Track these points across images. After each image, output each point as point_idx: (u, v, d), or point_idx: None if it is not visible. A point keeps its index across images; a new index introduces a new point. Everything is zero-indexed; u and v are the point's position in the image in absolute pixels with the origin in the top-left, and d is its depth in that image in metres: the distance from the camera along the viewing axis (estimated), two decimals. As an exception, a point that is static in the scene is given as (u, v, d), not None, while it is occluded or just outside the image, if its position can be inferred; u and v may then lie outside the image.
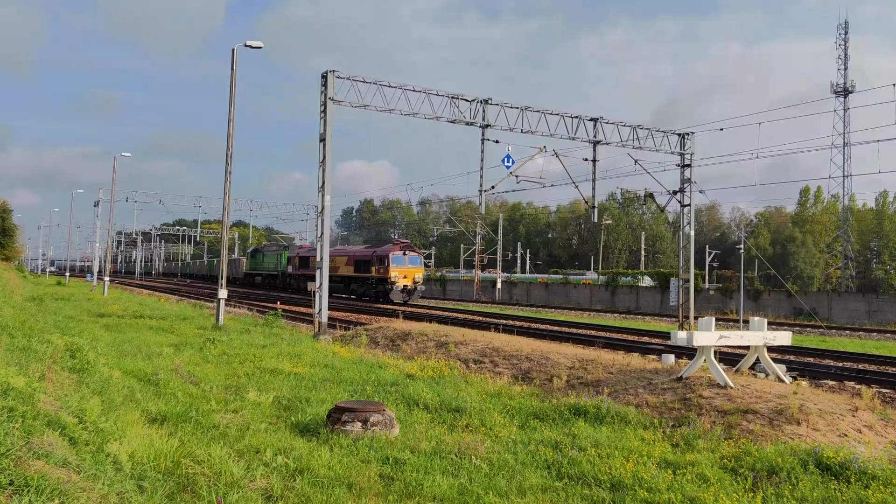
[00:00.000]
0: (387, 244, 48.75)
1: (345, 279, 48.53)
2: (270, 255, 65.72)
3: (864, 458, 7.59)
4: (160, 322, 22.93)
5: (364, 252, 47.57)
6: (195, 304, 36.34)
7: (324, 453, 7.21)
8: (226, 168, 24.65)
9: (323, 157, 22.89)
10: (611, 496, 6.48)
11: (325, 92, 23.03)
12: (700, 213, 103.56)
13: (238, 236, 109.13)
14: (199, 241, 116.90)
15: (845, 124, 71.23)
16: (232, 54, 24.52)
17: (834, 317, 46.26)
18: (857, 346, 26.57)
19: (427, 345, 17.95)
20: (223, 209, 25.82)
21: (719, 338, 11.36)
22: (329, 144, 22.85)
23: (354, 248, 51.18)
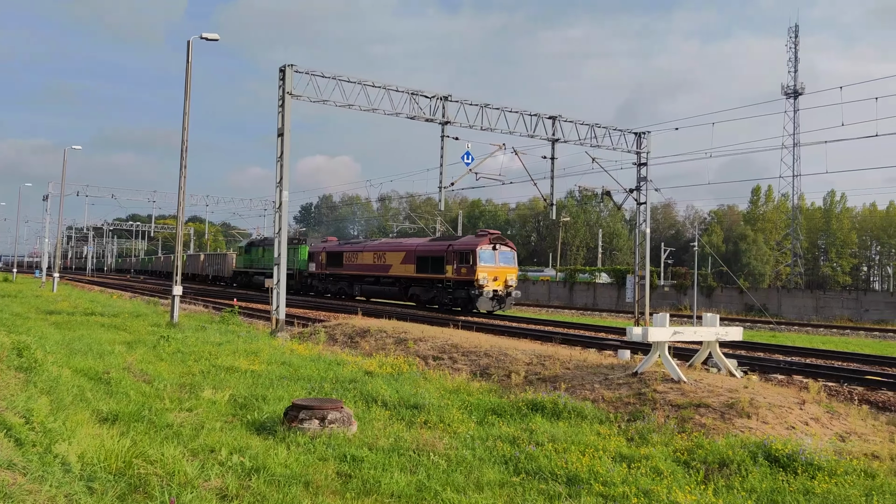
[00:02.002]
0: (465, 235, 38.90)
1: (401, 281, 37.78)
2: None
3: (810, 449, 7.82)
4: (112, 319, 22.40)
5: (433, 246, 36.00)
6: (149, 300, 35.59)
7: (280, 452, 7.13)
8: (181, 162, 24.18)
9: (281, 152, 22.62)
10: (567, 490, 6.56)
11: (284, 86, 22.77)
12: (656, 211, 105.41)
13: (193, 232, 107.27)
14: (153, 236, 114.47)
15: (795, 125, 73.29)
16: (187, 46, 24.05)
17: (783, 312, 47.57)
18: (805, 340, 27.38)
19: (386, 341, 17.91)
20: (178, 204, 25.33)
21: (673, 333, 11.58)
22: (287, 139, 22.58)
23: (415, 241, 39.22)
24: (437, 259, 34.91)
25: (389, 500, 6.06)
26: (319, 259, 45.96)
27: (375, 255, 39.65)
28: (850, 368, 17.10)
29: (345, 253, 42.94)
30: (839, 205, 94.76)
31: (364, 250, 41.15)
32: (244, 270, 57.90)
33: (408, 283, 37.36)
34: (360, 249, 41.57)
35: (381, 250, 39.53)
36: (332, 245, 46.45)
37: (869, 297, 49.42)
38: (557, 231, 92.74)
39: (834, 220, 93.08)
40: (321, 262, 45.74)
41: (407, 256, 37.20)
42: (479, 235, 34.42)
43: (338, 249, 44.17)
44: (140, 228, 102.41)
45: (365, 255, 40.84)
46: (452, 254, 33.77)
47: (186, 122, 23.91)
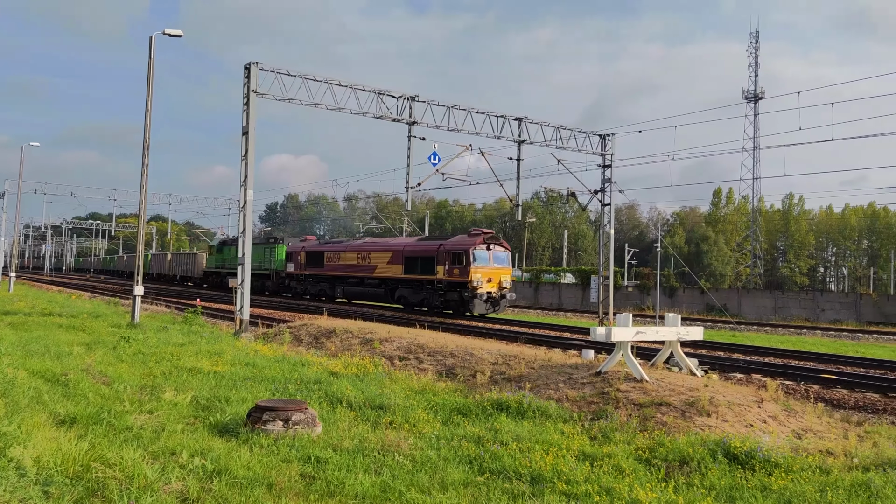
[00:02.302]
0: (456, 234, 37.31)
1: (387, 283, 36.10)
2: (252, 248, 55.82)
3: (768, 446, 8.00)
4: (71, 320, 21.90)
5: (423, 246, 34.37)
6: (109, 301, 34.90)
7: (243, 454, 7.06)
8: (143, 160, 23.76)
9: (245, 150, 22.39)
10: (530, 489, 6.61)
11: (249, 84, 22.55)
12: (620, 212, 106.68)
13: (156, 231, 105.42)
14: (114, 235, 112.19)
15: (755, 129, 74.88)
16: (150, 42, 23.64)
17: (743, 312, 48.55)
18: (764, 340, 28.00)
19: (352, 342, 17.83)
20: (140, 202, 24.88)
21: (636, 333, 11.74)
22: (252, 138, 22.36)
23: (403, 241, 37.86)
24: (428, 259, 33.14)
25: (353, 502, 6.04)
26: (298, 259, 43.93)
27: (359, 256, 38.16)
28: (806, 367, 17.52)
29: (326, 253, 41.12)
30: (797, 207, 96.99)
31: (347, 250, 39.56)
32: (216, 270, 55.38)
33: (395, 285, 35.66)
34: (343, 249, 39.90)
35: (366, 250, 37.80)
36: (311, 244, 44.43)
37: (825, 298, 50.74)
38: (523, 232, 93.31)
39: (792, 222, 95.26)
40: (300, 262, 43.69)
41: (394, 256, 35.47)
42: (472, 235, 32.76)
43: (318, 249, 42.32)
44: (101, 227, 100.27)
45: (348, 256, 39.23)
46: (444, 254, 32.14)
47: (148, 119, 23.50)
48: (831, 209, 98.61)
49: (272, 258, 47.18)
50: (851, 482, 6.97)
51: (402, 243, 36.26)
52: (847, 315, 45.28)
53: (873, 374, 16.57)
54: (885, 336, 33.24)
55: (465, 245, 31.36)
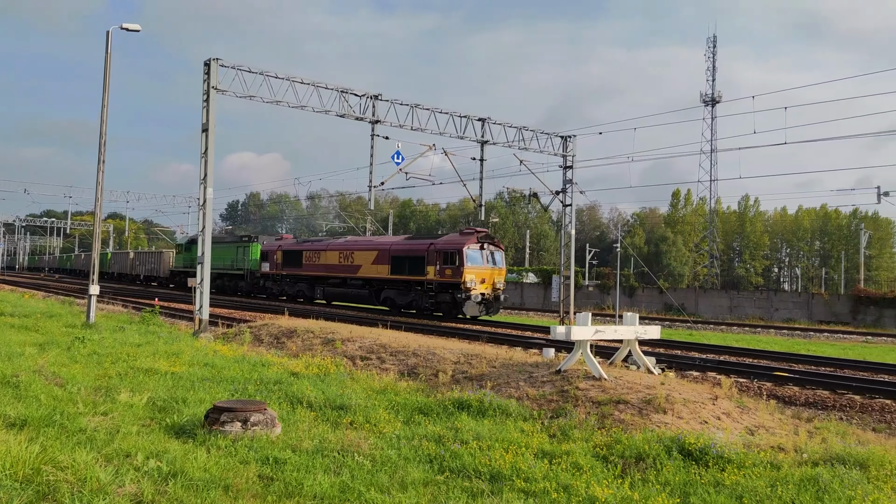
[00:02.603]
0: (447, 234, 35.40)
1: (372, 284, 34.57)
2: (222, 248, 49.10)
3: (721, 443, 8.18)
4: (23, 320, 21.31)
5: (412, 245, 32.96)
6: (64, 300, 34.04)
7: (200, 455, 6.97)
8: (99, 157, 23.24)
9: (205, 148, 22.07)
10: (490, 487, 6.66)
11: (209, 80, 22.23)
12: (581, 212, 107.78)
13: (113, 229, 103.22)
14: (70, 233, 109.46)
15: (713, 132, 76.41)
16: (107, 37, 23.14)
17: (700, 311, 49.50)
18: (720, 338, 28.60)
19: (313, 342, 17.72)
20: (96, 200, 24.33)
21: (595, 332, 11.90)
22: (212, 135, 22.05)
23: (389, 240, 36.11)
24: (417, 259, 31.56)
25: (312, 502, 6.00)
26: (274, 258, 42.13)
27: (342, 255, 36.63)
28: (760, 365, 17.97)
29: (305, 252, 39.43)
30: (753, 209, 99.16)
31: (328, 249, 37.93)
32: (184, 270, 52.20)
33: (380, 286, 34.10)
34: (324, 248, 38.37)
35: (349, 249, 36.28)
36: (289, 243, 42.70)
37: (779, 297, 52.03)
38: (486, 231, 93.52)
39: (748, 223, 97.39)
40: (276, 261, 41.93)
41: (380, 256, 33.80)
42: (464, 233, 31.38)
43: (296, 248, 40.64)
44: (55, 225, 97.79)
45: (329, 255, 37.61)
46: (435, 253, 30.52)
47: (105, 115, 23.00)
48: (785, 211, 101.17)
49: (246, 257, 45.53)
50: (801, 477, 7.17)
51: (389, 242, 34.74)
52: (800, 314, 46.51)
53: (823, 372, 17.07)
54: (835, 334, 34.24)
55: (457, 244, 29.95)
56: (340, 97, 25.85)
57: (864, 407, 13.25)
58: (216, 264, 47.24)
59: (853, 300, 45.86)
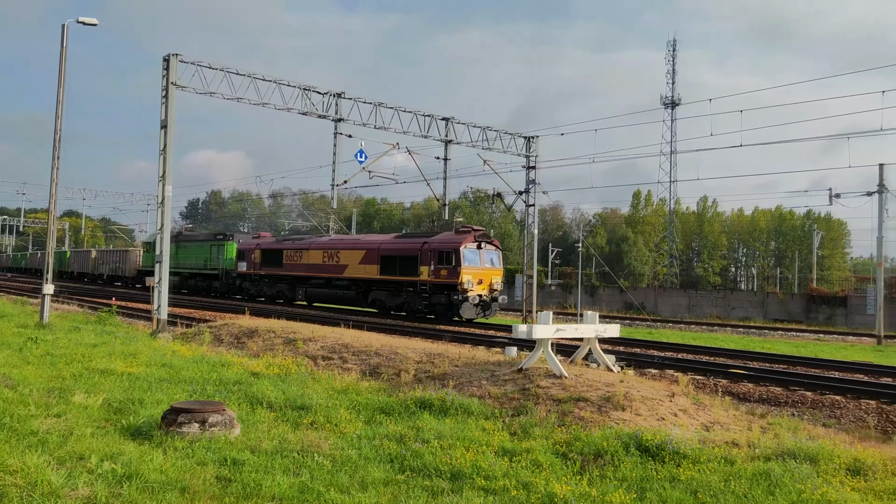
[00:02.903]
0: (441, 232, 33.74)
1: (359, 284, 32.95)
2: (195, 246, 47.43)
3: (677, 439, 8.34)
4: (-28, 321, 20.70)
5: (403, 244, 31.53)
6: (17, 300, 33.12)
7: (156, 457, 6.86)
8: (53, 153, 22.67)
9: (164, 144, 21.71)
10: (450, 486, 6.69)
11: (168, 76, 21.87)
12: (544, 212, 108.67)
13: (69, 227, 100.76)
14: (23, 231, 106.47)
15: (672, 134, 77.71)
16: (62, 31, 22.58)
17: (660, 310, 50.33)
18: (678, 337, 29.13)
19: (275, 342, 17.55)
20: (50, 196, 23.72)
21: (556, 331, 12.02)
22: (171, 132, 21.70)
23: (378, 238, 34.21)
24: (409, 259, 30.11)
25: (270, 503, 5.96)
26: (252, 258, 40.28)
27: (326, 254, 35.07)
28: (716, 363, 18.34)
29: (285, 251, 37.75)
30: (711, 209, 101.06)
31: (311, 248, 36.28)
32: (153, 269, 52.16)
33: (368, 287, 32.55)
34: (306, 247, 36.67)
35: (334, 248, 34.78)
36: (267, 241, 41.01)
37: (735, 296, 53.19)
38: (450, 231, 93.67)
39: (706, 223, 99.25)
40: (254, 261, 40.10)
41: (368, 255, 32.25)
42: (460, 232, 29.93)
43: (276, 247, 38.95)
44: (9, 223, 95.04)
45: (312, 254, 35.92)
46: (429, 253, 29.09)
47: (60, 110, 22.44)
48: (742, 212, 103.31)
49: (221, 256, 43.76)
50: (753, 471, 7.35)
51: (378, 241, 33.12)
52: (755, 313, 47.60)
53: (777, 369, 17.50)
54: (788, 332, 35.13)
55: (453, 243, 28.62)
56: (303, 95, 25.65)
57: (815, 403, 13.62)
58: (188, 263, 46.72)
59: (806, 299, 47.12)
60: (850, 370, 18.00)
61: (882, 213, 32.19)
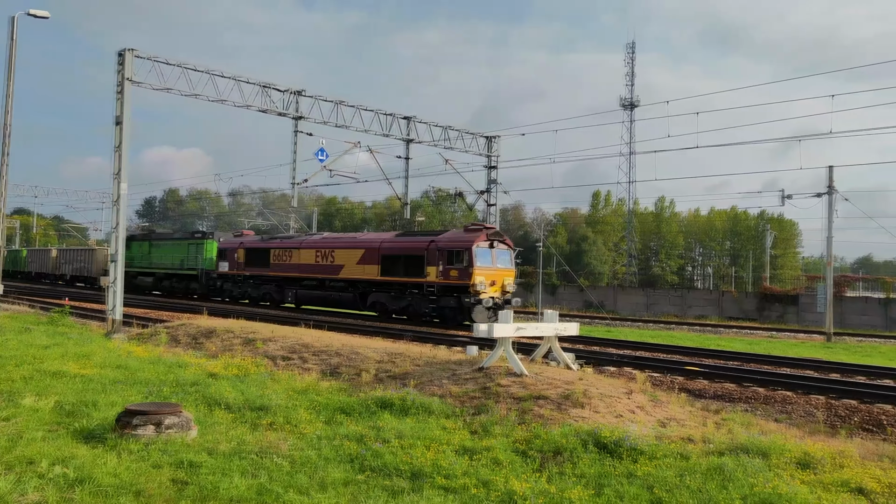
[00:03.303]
0: (449, 230, 31.99)
1: (357, 286, 30.81)
2: (171, 245, 44.96)
3: (635, 435, 8.48)
4: (-86, 322, 19.98)
5: (407, 243, 29.53)
6: (-38, 300, 32.03)
7: (110, 460, 6.72)
8: (2, 149, 22.03)
9: (119, 141, 21.25)
10: (410, 485, 6.69)
11: (123, 71, 21.41)
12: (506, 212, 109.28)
13: (20, 225, 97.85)
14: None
15: (631, 135, 78.91)
16: (11, 23, 21.95)
17: (619, 309, 51.05)
18: (637, 335, 29.59)
19: (233, 342, 17.31)
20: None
21: (517, 329, 12.12)
22: (126, 128, 21.25)
23: (378, 237, 32.28)
24: (414, 259, 28.09)
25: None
26: (235, 257, 37.78)
27: (320, 254, 32.98)
28: (672, 360, 18.68)
29: (273, 250, 35.56)
30: (668, 210, 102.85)
31: (302, 247, 34.11)
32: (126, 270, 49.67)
33: (367, 289, 30.41)
34: (296, 246, 34.51)
35: (329, 247, 32.64)
36: (252, 240, 38.63)
37: (692, 295, 54.23)
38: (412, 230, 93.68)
39: (664, 223, 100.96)
40: (237, 260, 37.59)
41: (367, 255, 30.13)
42: (470, 230, 28.08)
43: (262, 246, 36.68)
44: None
45: (303, 254, 33.76)
46: (437, 252, 27.16)
47: (9, 105, 21.82)
48: (698, 212, 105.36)
49: (199, 256, 41.28)
50: (708, 466, 7.52)
51: (378, 239, 31.05)
52: (711, 311, 48.61)
53: (731, 366, 17.90)
54: (743, 330, 35.97)
55: (464, 242, 26.74)
56: (262, 92, 25.34)
57: (767, 398, 13.97)
58: (163, 263, 44.48)
59: (760, 298, 48.29)
60: (800, 366, 18.52)
61: (831, 213, 33.17)
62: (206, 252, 40.99)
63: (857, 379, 16.28)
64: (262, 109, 25.55)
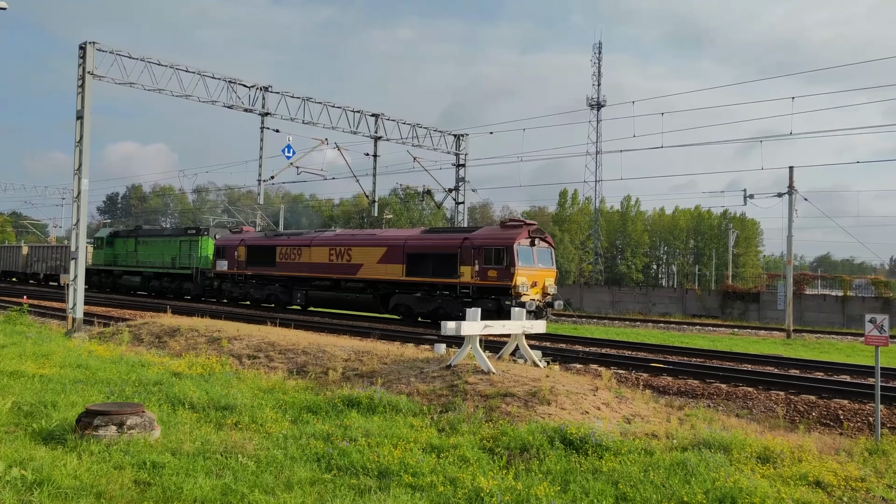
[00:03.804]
0: (482, 226, 28.83)
1: (377, 286, 28.53)
2: (161, 242, 42.31)
3: (600, 432, 8.57)
4: None
5: (436, 240, 26.84)
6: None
7: (70, 462, 6.58)
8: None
9: (80, 136, 20.81)
10: (377, 483, 6.68)
11: (84, 65, 20.96)
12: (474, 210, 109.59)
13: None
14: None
15: (598, 135, 79.67)
16: (-34, 12, 21.31)
17: (585, 307, 51.52)
18: (602, 332, 29.90)
19: (198, 341, 17.08)
20: (-48, 189, 22.38)
21: (484, 327, 12.16)
22: (87, 122, 20.82)
23: (402, 234, 29.47)
24: (444, 257, 25.78)
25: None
26: (235, 255, 35.00)
27: (334, 252, 30.35)
28: (637, 357, 18.93)
29: (279, 248, 32.93)
30: (634, 209, 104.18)
31: (313, 244, 31.48)
32: (106, 268, 45.34)
33: (389, 290, 28.05)
34: (307, 243, 31.86)
35: (344, 245, 30.03)
36: (255, 237, 35.79)
37: (656, 293, 54.98)
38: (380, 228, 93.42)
39: (630, 222, 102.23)
40: (238, 259, 34.80)
41: (390, 253, 27.69)
42: (508, 226, 25.87)
43: (267, 243, 34.00)
44: None
45: (315, 251, 31.20)
46: (472, 250, 25.02)
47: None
48: (663, 211, 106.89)
49: (193, 254, 38.80)
50: (671, 461, 7.63)
51: (402, 236, 28.43)
52: (675, 308, 49.33)
53: (694, 363, 18.21)
54: (706, 327, 36.58)
55: (505, 240, 24.56)
56: (228, 87, 25.03)
57: (729, 394, 14.24)
58: (152, 262, 41.94)
59: (722, 295, 49.13)
60: (761, 363, 18.91)
61: (791, 213, 33.88)
62: (202, 250, 38.50)
63: (815, 375, 16.68)
64: (228, 105, 25.24)
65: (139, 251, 43.35)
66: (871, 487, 7.30)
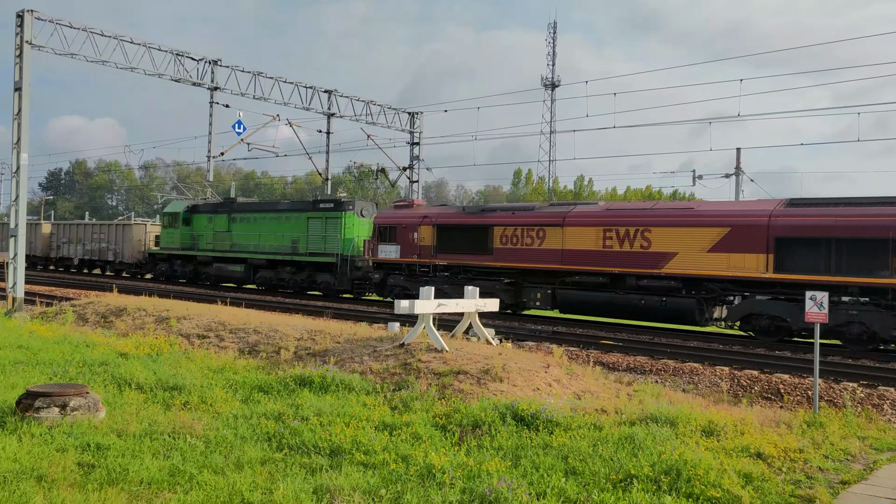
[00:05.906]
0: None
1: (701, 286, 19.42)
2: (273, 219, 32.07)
3: (551, 408, 8.70)
4: None
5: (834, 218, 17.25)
6: None
7: (9, 445, 6.38)
8: None
9: (19, 109, 20.01)
10: (329, 462, 6.66)
11: (22, 34, 20.09)
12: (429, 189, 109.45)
13: None
14: None
15: (552, 115, 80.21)
16: None
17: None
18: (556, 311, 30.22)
19: (146, 320, 16.70)
20: None
21: (438, 306, 12.17)
22: (26, 94, 20.01)
23: (760, 206, 19.20)
24: (862, 244, 16.75)
25: (138, 489, 5.70)
26: (412, 238, 25.35)
27: (610, 233, 20.92)
28: (588, 334, 19.23)
29: (497, 228, 23.33)
30: (587, 189, 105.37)
31: (566, 223, 21.91)
32: (185, 254, 35.21)
33: (729, 293, 19.25)
34: (553, 222, 22.18)
35: (634, 224, 20.51)
36: (448, 212, 25.99)
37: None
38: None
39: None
40: (418, 243, 25.21)
41: (734, 236, 18.48)
42: None
43: (474, 221, 24.30)
44: None
45: (569, 233, 21.73)
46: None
47: None
48: (615, 191, 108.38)
49: (336, 236, 29.09)
50: (619, 436, 7.80)
51: (760, 211, 18.71)
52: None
53: (644, 339, 18.60)
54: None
55: None
56: (176, 60, 24.32)
57: (676, 370, 14.61)
58: (260, 246, 32.12)
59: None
60: (707, 339, 19.41)
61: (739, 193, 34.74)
62: (346, 230, 29.03)
63: (757, 351, 17.21)
64: (176, 79, 24.55)
65: (234, 231, 33.48)
66: (808, 458, 7.59)
